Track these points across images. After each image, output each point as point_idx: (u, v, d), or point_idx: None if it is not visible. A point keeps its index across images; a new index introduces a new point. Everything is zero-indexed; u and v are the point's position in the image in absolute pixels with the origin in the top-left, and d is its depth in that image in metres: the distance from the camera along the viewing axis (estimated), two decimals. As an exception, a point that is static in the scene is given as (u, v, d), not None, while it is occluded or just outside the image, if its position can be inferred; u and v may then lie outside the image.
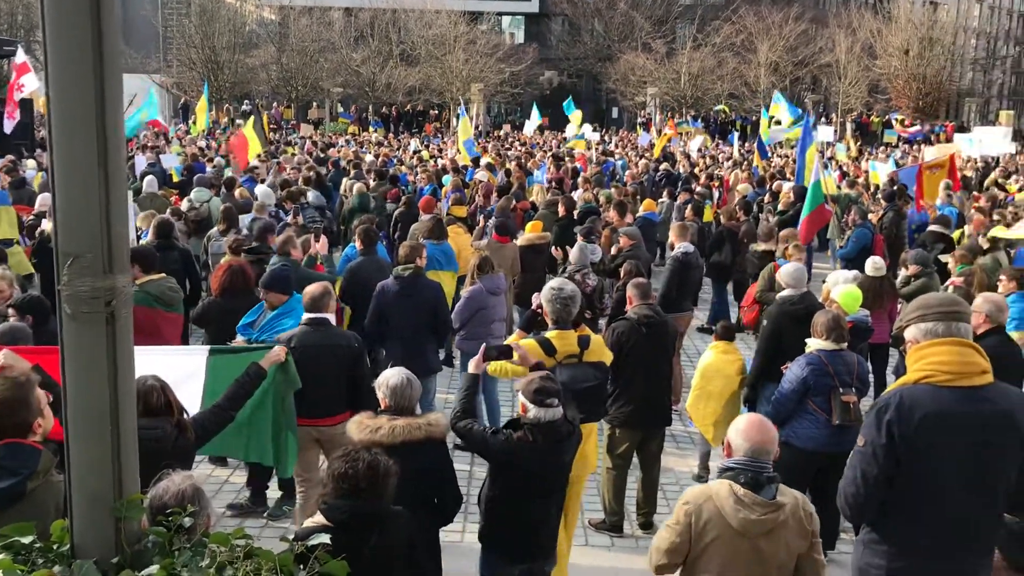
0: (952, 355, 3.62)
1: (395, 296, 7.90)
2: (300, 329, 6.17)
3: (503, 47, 50.52)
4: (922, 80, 45.17)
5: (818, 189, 12.67)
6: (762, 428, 3.83)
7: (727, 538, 3.65)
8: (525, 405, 4.56)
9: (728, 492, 3.67)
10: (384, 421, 4.39)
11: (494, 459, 4.62)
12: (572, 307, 5.69)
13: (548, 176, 18.94)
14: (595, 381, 5.56)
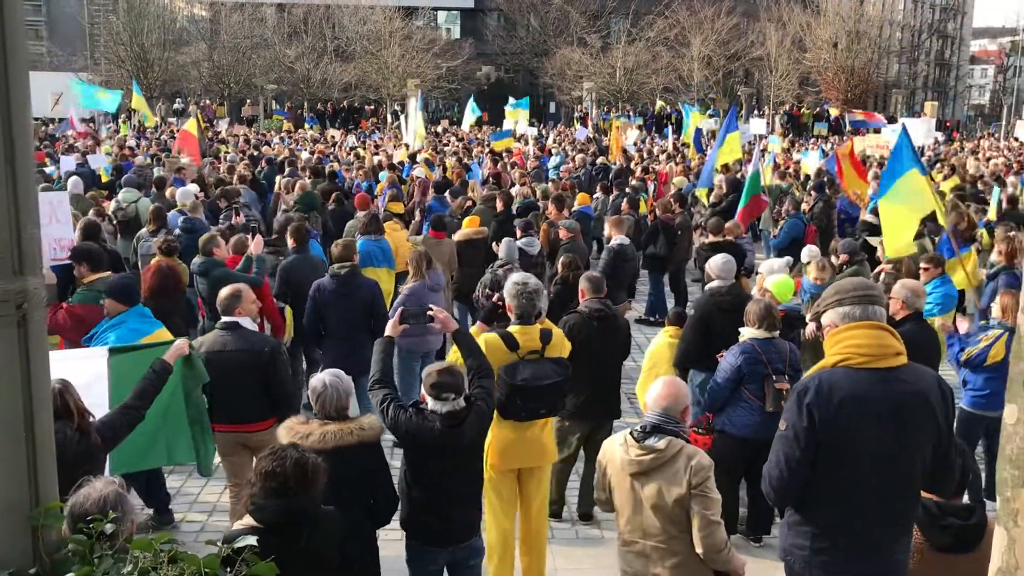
0: (868, 338, 3.68)
1: (332, 294, 7.82)
2: (212, 334, 6.07)
3: (439, 42, 50.29)
4: (850, 72, 46.23)
5: (756, 180, 12.87)
6: (670, 389, 4.32)
7: (616, 476, 4.29)
8: (425, 395, 4.63)
9: (621, 439, 4.30)
10: (315, 427, 4.34)
11: (399, 435, 4.64)
12: (536, 301, 5.71)
13: (485, 171, 18.94)
14: (557, 378, 5.56)
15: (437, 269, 9.06)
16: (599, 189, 16.73)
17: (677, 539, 4.16)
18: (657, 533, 4.17)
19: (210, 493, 7.34)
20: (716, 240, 11.09)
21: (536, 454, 5.80)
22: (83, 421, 4.20)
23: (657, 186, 18.52)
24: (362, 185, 16.35)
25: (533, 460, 5.80)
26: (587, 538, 6.80)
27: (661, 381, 4.41)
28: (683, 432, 4.27)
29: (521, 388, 5.45)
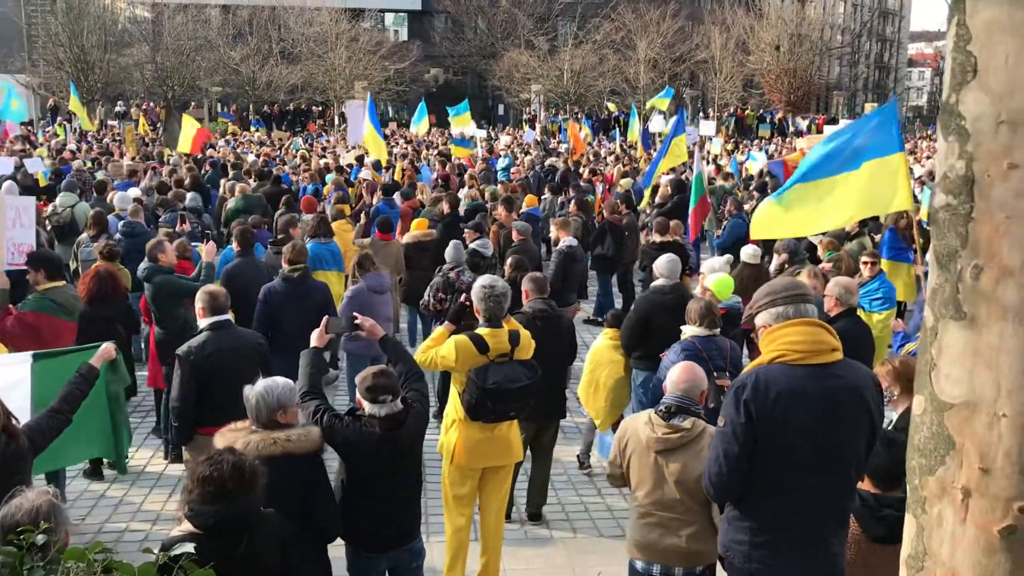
0: (804, 335, 3.74)
1: (283, 298, 7.77)
2: (204, 334, 5.97)
3: (386, 44, 49.99)
4: (793, 75, 47.02)
5: (700, 182, 13.03)
6: (689, 374, 4.67)
7: (639, 452, 4.53)
8: (361, 400, 4.59)
9: (646, 418, 4.58)
10: (242, 435, 4.27)
11: (338, 446, 4.59)
12: (504, 304, 5.74)
13: (434, 174, 18.91)
14: (527, 381, 5.58)
15: (381, 271, 9.05)
16: (547, 190, 16.81)
17: (694, 511, 4.42)
18: (676, 506, 4.42)
19: (153, 502, 7.23)
20: (662, 240, 11.21)
21: (503, 453, 5.83)
22: (10, 424, 4.11)
23: (604, 188, 18.66)
24: (308, 188, 16.22)
25: (500, 459, 5.83)
26: (536, 538, 6.84)
27: (680, 366, 4.75)
28: (703, 413, 4.63)
29: (492, 391, 5.47)
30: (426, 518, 6.69)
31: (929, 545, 1.77)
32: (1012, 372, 1.62)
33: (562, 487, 7.65)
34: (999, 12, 1.58)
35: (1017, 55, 1.57)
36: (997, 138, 1.60)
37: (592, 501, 7.42)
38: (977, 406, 1.66)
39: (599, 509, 7.29)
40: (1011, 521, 1.66)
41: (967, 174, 1.64)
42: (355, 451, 4.57)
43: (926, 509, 1.77)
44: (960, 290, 1.67)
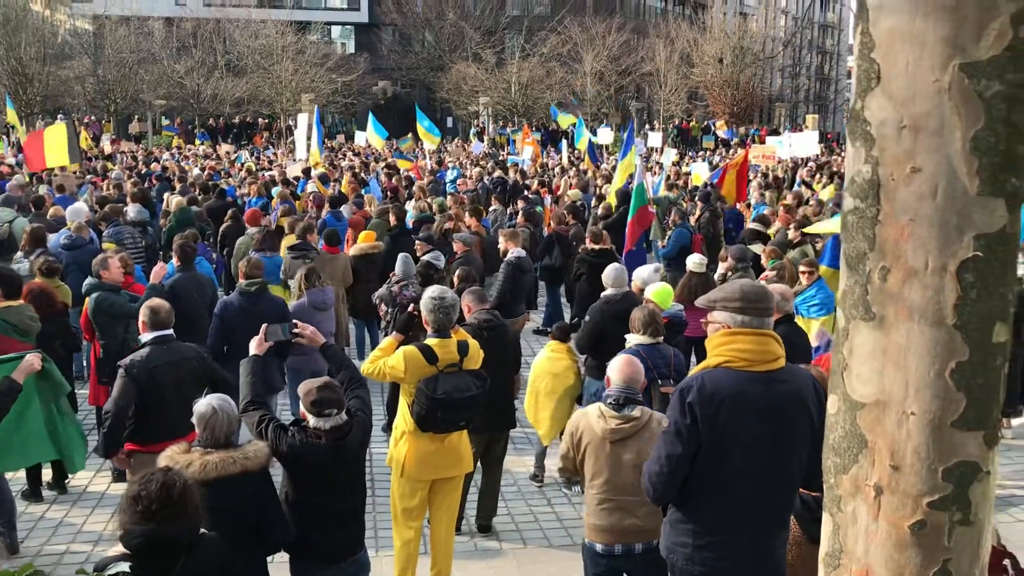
0: (755, 344, 3.78)
1: (239, 313, 7.68)
2: (147, 349, 5.89)
3: (333, 57, 49.82)
4: (736, 87, 47.80)
5: (641, 191, 13.15)
6: (632, 365, 4.98)
7: (594, 444, 4.77)
8: (305, 413, 4.58)
9: (596, 410, 4.83)
10: (196, 456, 4.19)
11: (283, 457, 4.55)
12: (453, 315, 5.77)
13: (382, 186, 18.86)
14: (476, 390, 5.60)
15: (324, 286, 8.96)
16: (495, 202, 16.85)
17: None
18: (632, 489, 4.61)
19: (94, 522, 7.07)
20: (595, 247, 11.28)
21: (453, 464, 5.81)
22: None
23: (552, 199, 18.76)
24: (253, 201, 16.05)
25: (450, 470, 5.81)
26: (486, 550, 6.82)
27: (621, 360, 5.05)
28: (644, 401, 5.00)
29: (442, 401, 5.47)
30: (376, 532, 6.66)
31: (844, 542, 1.81)
32: (919, 371, 1.66)
33: (512, 498, 7.65)
34: (899, 20, 1.63)
35: (917, 62, 1.61)
36: (900, 143, 1.64)
37: (542, 512, 7.43)
38: (887, 405, 1.71)
39: (549, 519, 7.30)
40: (920, 516, 1.70)
41: (873, 178, 1.69)
42: (300, 462, 4.53)
43: (841, 507, 1.81)
44: (869, 291, 1.72)
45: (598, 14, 51.97)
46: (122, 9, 45.26)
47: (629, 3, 59.40)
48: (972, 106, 1.57)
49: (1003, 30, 1.53)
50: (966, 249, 1.59)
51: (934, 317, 1.63)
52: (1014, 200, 1.60)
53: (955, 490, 1.66)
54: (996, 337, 1.63)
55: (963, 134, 1.58)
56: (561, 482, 7.86)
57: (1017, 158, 1.59)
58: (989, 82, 1.56)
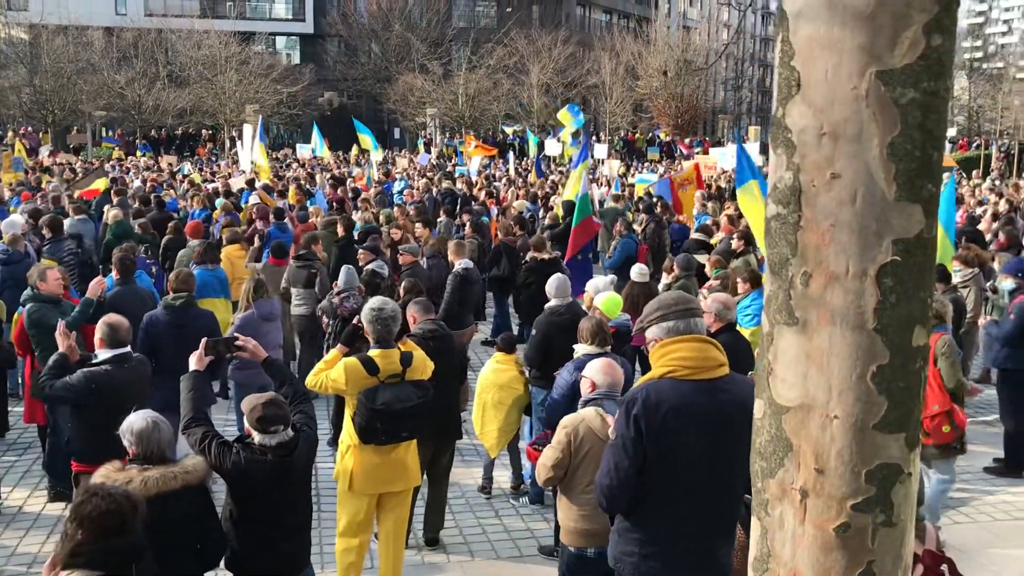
0: (693, 351, 3.81)
1: (166, 327, 7.53)
2: (106, 367, 5.79)
3: (278, 67, 49.39)
4: (680, 99, 48.46)
5: (586, 202, 13.24)
6: (613, 367, 5.06)
7: (597, 450, 4.60)
8: (250, 430, 4.52)
9: (595, 415, 4.78)
10: (135, 473, 4.10)
11: (226, 472, 4.49)
12: (393, 326, 5.72)
13: (327, 197, 18.72)
14: (416, 401, 5.56)
15: (271, 298, 8.87)
16: (443, 213, 16.83)
17: None
18: None
19: (30, 544, 6.87)
20: (541, 257, 11.31)
21: (400, 477, 5.77)
22: None
23: (499, 210, 18.79)
24: (196, 213, 15.81)
25: (396, 484, 5.77)
26: (433, 564, 6.77)
27: (601, 363, 5.10)
28: None
29: (381, 412, 5.44)
30: (321, 548, 6.56)
31: (772, 546, 1.82)
32: (841, 374, 1.69)
33: (460, 511, 7.61)
34: (818, 29, 1.66)
35: (835, 70, 1.64)
36: (820, 149, 1.67)
37: (490, 524, 7.39)
38: (811, 408, 1.73)
39: (497, 532, 7.26)
40: (845, 519, 1.72)
41: (794, 184, 1.71)
42: (245, 480, 4.46)
43: (768, 511, 1.82)
44: (792, 296, 1.74)
45: (544, 27, 52.34)
46: (60, 18, 44.25)
47: (574, 16, 59.90)
48: (888, 113, 1.60)
49: (916, 39, 1.57)
50: (885, 254, 1.62)
51: (855, 321, 1.65)
52: (930, 205, 1.63)
53: (878, 492, 1.69)
54: (916, 341, 1.66)
55: (880, 140, 1.61)
56: (510, 493, 7.84)
57: (932, 164, 1.62)
58: (904, 90, 1.59)
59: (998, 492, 8.04)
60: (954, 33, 1.63)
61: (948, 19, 1.61)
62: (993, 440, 8.74)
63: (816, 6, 1.63)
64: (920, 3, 1.57)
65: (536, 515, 7.46)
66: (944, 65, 1.62)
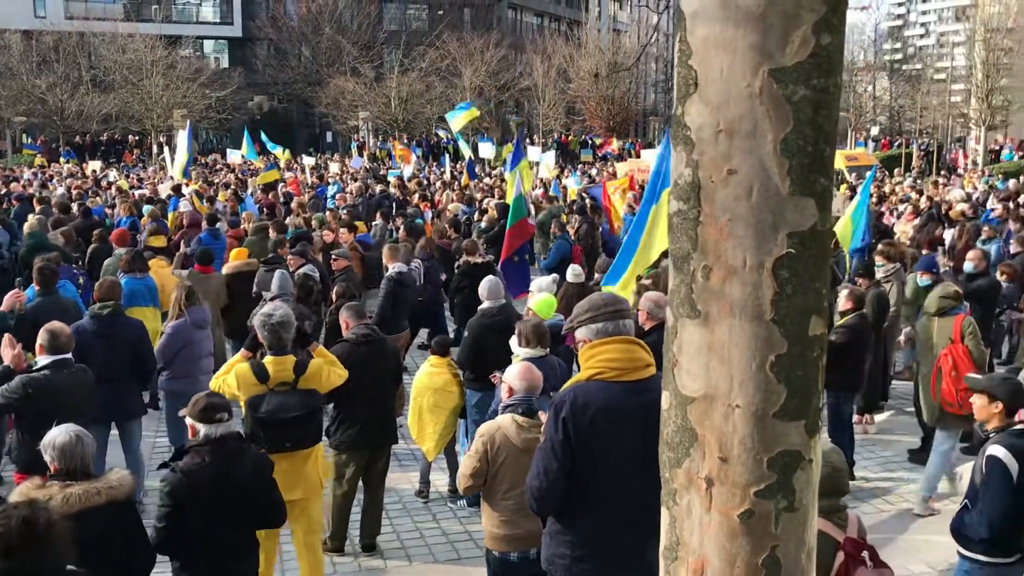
0: (620, 352, 3.84)
1: (92, 337, 7.35)
2: (39, 374, 5.68)
3: (206, 72, 48.52)
4: (611, 102, 48.86)
5: (520, 203, 13.28)
6: (531, 371, 5.01)
7: (514, 456, 4.71)
8: (194, 427, 4.48)
9: (511, 422, 4.79)
10: (56, 489, 3.99)
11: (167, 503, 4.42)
12: (283, 332, 5.64)
13: (258, 201, 18.49)
14: (300, 411, 5.48)
15: (202, 304, 8.73)
16: (378, 216, 16.73)
17: None
18: None
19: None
20: (474, 260, 11.33)
21: (295, 486, 5.67)
22: None
23: (434, 213, 18.75)
24: (124, 221, 15.44)
25: (294, 492, 5.66)
26: (370, 569, 6.73)
27: (520, 368, 5.07)
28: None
29: (263, 420, 5.41)
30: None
31: (681, 535, 1.86)
32: (742, 364, 1.73)
33: (397, 515, 7.57)
34: (713, 29, 1.70)
35: (730, 68, 1.69)
36: (717, 146, 1.71)
37: (428, 528, 7.37)
38: (714, 399, 1.77)
39: (435, 535, 7.25)
40: (749, 506, 1.77)
41: (694, 181, 1.75)
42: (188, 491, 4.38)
43: (676, 500, 1.86)
44: (694, 290, 1.78)
45: (475, 30, 52.39)
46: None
47: (506, 19, 60.09)
48: (781, 110, 1.65)
49: (806, 38, 1.62)
50: (780, 247, 1.67)
51: (753, 313, 1.70)
52: (823, 199, 1.68)
53: (780, 478, 1.73)
54: (812, 330, 1.71)
55: (774, 137, 1.65)
56: (447, 496, 7.83)
57: (824, 159, 1.68)
58: (796, 87, 1.64)
59: (920, 479, 8.28)
60: (843, 32, 1.69)
61: (836, 19, 1.67)
62: (916, 430, 9.01)
63: (711, 6, 1.67)
64: (809, 3, 1.63)
65: (474, 517, 7.45)
66: (833, 63, 1.68)
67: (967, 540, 4.82)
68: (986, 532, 4.66)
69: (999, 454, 4.66)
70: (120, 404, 7.41)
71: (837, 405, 8.25)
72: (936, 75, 61.39)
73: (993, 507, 4.63)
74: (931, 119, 50.14)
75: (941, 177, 29.78)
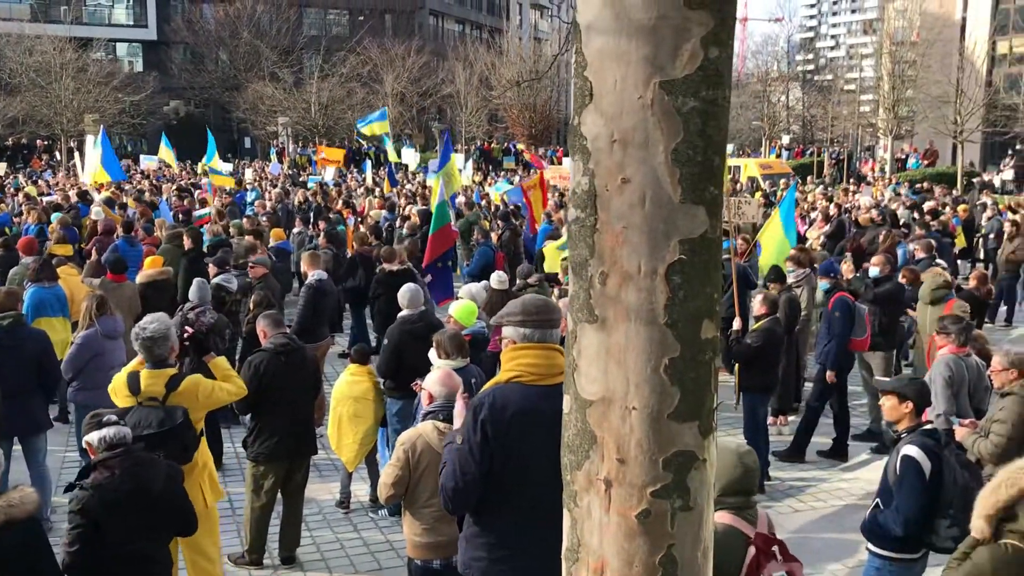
0: (541, 359, 3.87)
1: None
2: None
3: (119, 75, 47.26)
4: (533, 109, 49.21)
5: (443, 210, 13.27)
6: (451, 377, 5.07)
7: (435, 463, 4.58)
8: (90, 445, 4.42)
9: (432, 429, 4.80)
10: None
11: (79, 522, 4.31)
12: (155, 347, 5.50)
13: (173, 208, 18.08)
14: (156, 429, 5.26)
15: (114, 314, 8.49)
16: (297, 223, 16.53)
17: None
18: None
19: None
20: (392, 268, 11.29)
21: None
22: None
23: (356, 220, 18.61)
24: (30, 228, 14.93)
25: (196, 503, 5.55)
26: (290, 583, 6.64)
27: (439, 374, 5.12)
28: None
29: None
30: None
31: (582, 536, 1.90)
32: (637, 367, 1.78)
33: (317, 527, 7.48)
34: (607, 41, 1.75)
35: (623, 80, 1.74)
36: (612, 155, 1.76)
37: (348, 539, 7.30)
38: (612, 401, 1.81)
39: (356, 546, 7.19)
40: (646, 506, 1.81)
41: (590, 189, 1.80)
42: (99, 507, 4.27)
43: (577, 502, 1.90)
44: (592, 296, 1.82)
45: (397, 36, 52.27)
46: None
47: (427, 26, 60.04)
48: (672, 121, 1.70)
49: (695, 51, 1.68)
50: (673, 253, 1.72)
51: (648, 317, 1.74)
52: (714, 207, 1.74)
53: (675, 478, 1.78)
54: (704, 333, 1.77)
55: (665, 147, 1.71)
56: (368, 506, 7.77)
57: (714, 168, 1.74)
58: (685, 99, 1.69)
59: (832, 479, 8.56)
60: (731, 46, 1.75)
61: (725, 33, 1.73)
62: (829, 431, 9.29)
63: (605, 19, 1.72)
64: (698, 17, 1.68)
65: (396, 527, 7.41)
66: (722, 75, 1.74)
67: (879, 538, 4.99)
68: (901, 530, 4.83)
69: (913, 453, 4.83)
70: (23, 418, 7.23)
71: (752, 407, 8.46)
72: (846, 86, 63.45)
73: (908, 505, 4.80)
74: (842, 128, 51.78)
75: (851, 184, 30.79)
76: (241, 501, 7.15)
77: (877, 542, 5.02)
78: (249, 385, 6.36)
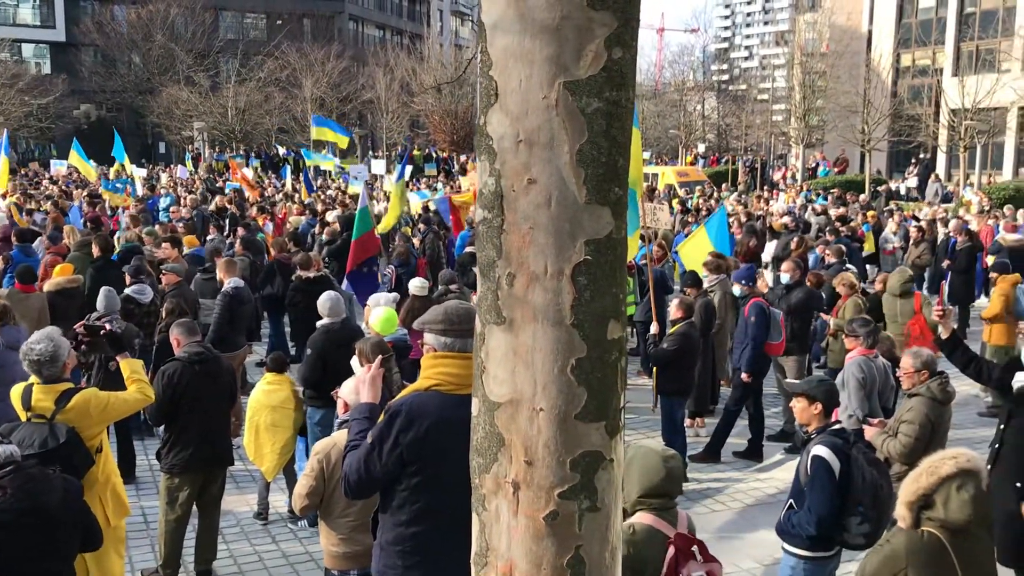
0: (460, 368, 3.85)
1: None
2: None
3: (26, 77, 45.64)
4: (455, 116, 49.13)
5: (366, 216, 13.15)
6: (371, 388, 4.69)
7: None
8: None
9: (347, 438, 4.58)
10: None
11: None
12: (44, 369, 5.24)
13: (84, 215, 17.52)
14: (37, 449, 4.98)
15: (18, 325, 8.18)
16: (212, 230, 16.17)
17: None
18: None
19: None
20: (304, 275, 11.16)
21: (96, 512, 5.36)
22: None
23: (275, 226, 18.31)
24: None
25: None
26: (204, 596, 6.47)
27: (356, 381, 4.79)
28: None
29: None
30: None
31: (490, 540, 1.89)
32: (544, 369, 1.78)
33: (234, 539, 7.32)
34: (511, 40, 1.75)
35: (528, 79, 1.74)
36: (518, 156, 1.76)
37: (267, 550, 7.16)
38: (519, 403, 1.81)
39: (274, 557, 7.05)
40: (553, 507, 1.81)
41: (497, 190, 1.79)
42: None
43: (485, 506, 1.89)
44: (499, 297, 1.82)
45: (316, 40, 51.63)
46: None
47: (347, 31, 59.51)
48: (576, 121, 1.71)
49: (599, 52, 1.69)
50: (578, 253, 1.73)
51: (555, 318, 1.75)
52: (618, 208, 1.75)
53: (582, 479, 1.79)
54: (611, 334, 1.78)
55: (570, 147, 1.71)
56: (287, 517, 7.63)
57: (619, 169, 1.75)
58: (589, 99, 1.70)
59: (748, 480, 8.74)
60: (634, 47, 1.77)
61: (628, 34, 1.74)
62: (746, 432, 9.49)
63: (509, 19, 1.71)
64: (601, 18, 1.69)
65: (315, 538, 7.25)
66: (625, 77, 1.76)
67: (793, 538, 5.10)
68: (814, 529, 4.94)
69: (823, 454, 4.96)
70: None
71: (670, 409, 8.59)
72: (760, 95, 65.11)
73: (820, 505, 4.91)
74: (755, 137, 53.08)
75: (765, 192, 31.56)
76: (155, 514, 6.96)
77: (792, 542, 5.12)
78: (162, 395, 6.19)
